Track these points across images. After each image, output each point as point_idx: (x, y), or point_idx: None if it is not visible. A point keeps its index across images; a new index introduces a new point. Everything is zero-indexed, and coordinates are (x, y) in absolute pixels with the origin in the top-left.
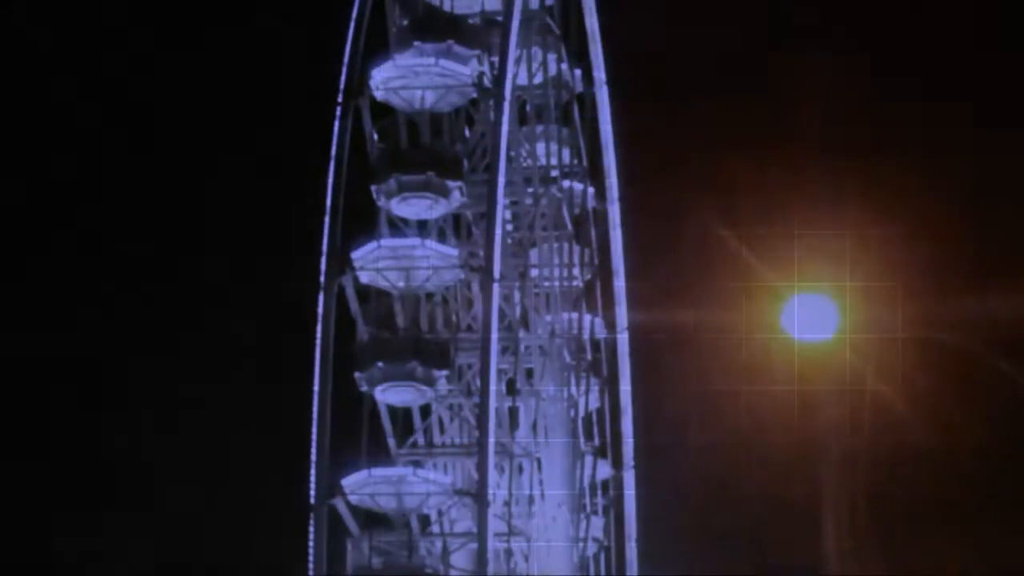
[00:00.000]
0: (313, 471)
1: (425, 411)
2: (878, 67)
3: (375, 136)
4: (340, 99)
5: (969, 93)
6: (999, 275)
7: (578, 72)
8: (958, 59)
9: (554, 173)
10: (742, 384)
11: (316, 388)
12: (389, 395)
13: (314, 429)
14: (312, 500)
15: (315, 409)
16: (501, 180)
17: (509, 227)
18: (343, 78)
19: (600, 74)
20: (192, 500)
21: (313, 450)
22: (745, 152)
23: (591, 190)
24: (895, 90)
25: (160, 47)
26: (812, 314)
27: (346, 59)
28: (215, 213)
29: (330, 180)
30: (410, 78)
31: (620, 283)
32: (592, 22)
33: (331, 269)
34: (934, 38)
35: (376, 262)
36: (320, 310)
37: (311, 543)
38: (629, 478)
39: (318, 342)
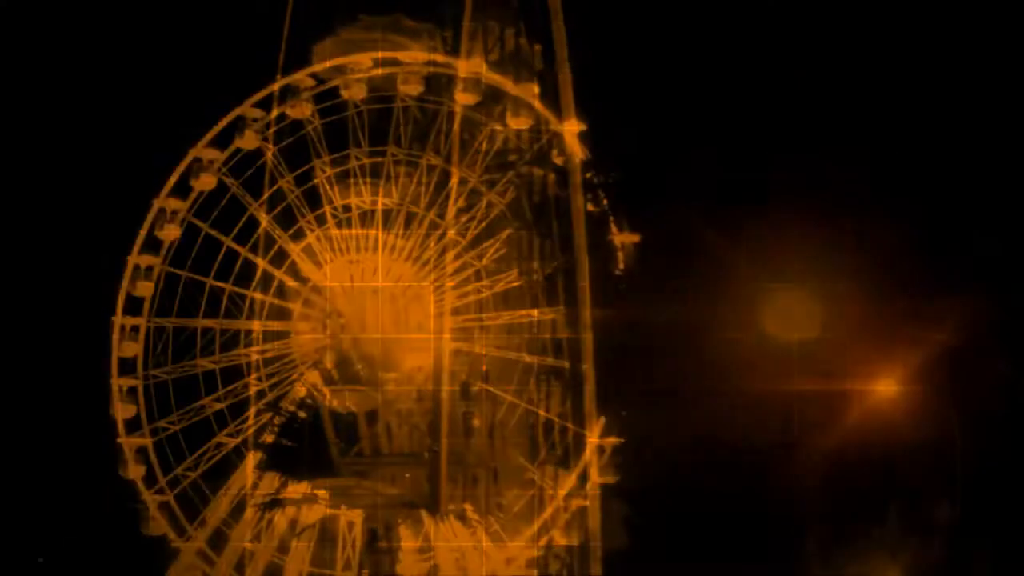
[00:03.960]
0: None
1: (372, 417)
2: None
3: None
4: (279, 77)
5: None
6: (997, 274)
7: (538, 49)
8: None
9: (513, 158)
10: (722, 384)
11: None
12: (332, 399)
13: None
14: None
15: None
16: (455, 165)
17: (463, 216)
18: (281, 55)
19: (562, 52)
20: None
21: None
22: (724, 134)
23: (553, 176)
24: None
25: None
26: (801, 312)
27: (285, 33)
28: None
29: None
30: (355, 54)
31: (584, 279)
32: None
33: None
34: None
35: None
36: None
37: None
38: (593, 489)
39: None
